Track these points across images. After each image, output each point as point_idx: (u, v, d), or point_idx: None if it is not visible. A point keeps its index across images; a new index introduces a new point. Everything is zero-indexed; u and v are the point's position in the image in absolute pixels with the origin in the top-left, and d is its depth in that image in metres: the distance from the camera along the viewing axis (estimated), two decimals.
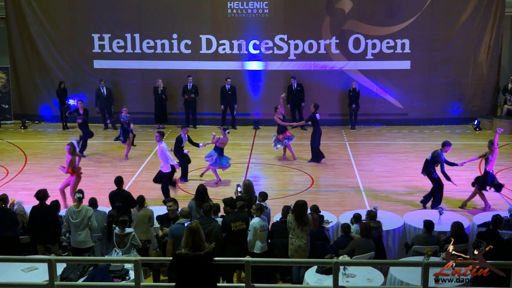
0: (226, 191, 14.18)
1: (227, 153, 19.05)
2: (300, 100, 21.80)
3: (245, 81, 22.45)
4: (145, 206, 11.37)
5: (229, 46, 22.20)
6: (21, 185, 15.54)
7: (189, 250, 7.01)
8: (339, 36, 21.89)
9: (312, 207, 11.29)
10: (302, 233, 10.30)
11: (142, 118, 22.28)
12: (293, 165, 17.77)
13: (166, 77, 22.20)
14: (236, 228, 10.37)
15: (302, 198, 13.54)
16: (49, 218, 11.07)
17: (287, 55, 22.13)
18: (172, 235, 9.99)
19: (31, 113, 23.22)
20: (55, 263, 7.98)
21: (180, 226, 10.00)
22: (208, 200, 11.52)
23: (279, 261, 10.27)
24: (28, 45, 22.75)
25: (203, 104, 22.53)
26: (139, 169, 17.36)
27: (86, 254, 10.81)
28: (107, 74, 22.33)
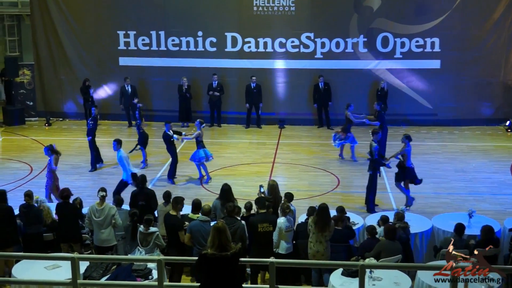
0: (251, 192, 14.15)
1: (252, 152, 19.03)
2: (327, 99, 21.70)
3: (270, 80, 22.41)
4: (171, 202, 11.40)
5: (254, 44, 22.18)
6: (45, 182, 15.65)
7: (215, 250, 7.00)
8: (367, 35, 21.75)
9: (338, 208, 11.24)
10: (321, 238, 10.26)
11: (166, 116, 22.28)
12: (319, 165, 17.71)
13: (191, 75, 22.25)
14: (263, 230, 10.35)
15: (328, 199, 13.59)
16: (73, 217, 11.17)
17: (313, 54, 22.05)
18: (190, 230, 10.08)
19: (55, 110, 23.43)
20: (78, 261, 8.03)
21: (198, 222, 10.06)
22: (233, 199, 11.52)
23: (304, 262, 10.23)
24: (53, 42, 22.96)
25: (228, 102, 22.54)
26: (162, 168, 17.41)
27: (109, 253, 10.88)
28: (132, 72, 22.45)
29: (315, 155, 18.74)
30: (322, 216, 10.27)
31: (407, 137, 14.26)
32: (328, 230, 10.26)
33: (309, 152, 19.09)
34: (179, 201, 10.76)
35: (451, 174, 16.83)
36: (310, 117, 22.35)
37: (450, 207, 14.22)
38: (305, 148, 19.55)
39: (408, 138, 14.24)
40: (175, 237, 10.44)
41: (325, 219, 10.27)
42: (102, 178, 16.46)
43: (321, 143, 20.13)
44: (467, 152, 18.92)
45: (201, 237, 10.08)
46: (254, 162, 18.10)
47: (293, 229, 10.83)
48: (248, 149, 19.73)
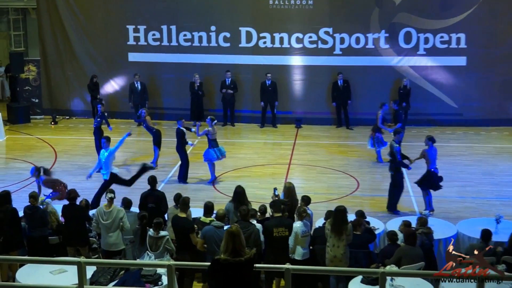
0: (265, 194, 14.15)
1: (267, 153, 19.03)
2: (346, 98, 21.66)
3: (287, 77, 22.39)
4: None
5: (270, 40, 22.18)
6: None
7: (229, 255, 7.00)
8: (389, 30, 21.67)
9: (357, 212, 11.21)
10: (339, 242, 10.23)
11: (178, 114, 22.35)
12: (337, 167, 17.68)
13: (203, 71, 22.29)
14: (278, 234, 10.34)
15: (346, 202, 13.55)
16: (80, 219, 11.22)
17: (332, 50, 22.00)
18: (203, 235, 10.08)
19: (61, 107, 23.55)
20: (85, 266, 8.06)
21: (212, 228, 10.06)
22: (247, 202, 11.53)
23: (321, 269, 10.19)
24: (60, 37, 23.10)
25: (242, 100, 22.55)
26: (173, 168, 17.45)
27: (117, 257, 10.91)
28: (142, 68, 22.53)
29: (333, 156, 18.71)
30: (338, 219, 10.25)
31: (429, 138, 14.22)
32: (345, 233, 10.22)
33: (327, 153, 19.06)
34: (187, 202, 10.80)
35: (477, 177, 16.74)
36: (328, 117, 22.30)
37: (476, 212, 14.14)
38: (323, 149, 19.51)
39: (431, 139, 14.19)
40: (185, 241, 10.46)
41: (341, 222, 10.24)
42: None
43: (339, 144, 20.09)
44: (495, 154, 18.80)
45: (214, 243, 10.07)
46: (269, 164, 18.10)
47: (310, 234, 10.81)
48: (263, 149, 19.73)
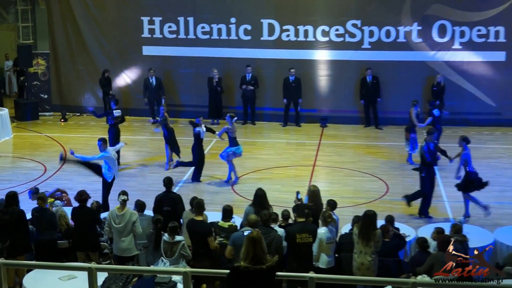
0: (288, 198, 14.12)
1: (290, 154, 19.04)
2: (375, 95, 21.60)
3: (311, 72, 22.37)
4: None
5: (294, 32, 22.16)
6: (60, 184, 15.84)
7: (249, 262, 7.01)
8: (422, 22, 21.57)
9: (387, 218, 11.17)
10: (366, 249, 10.19)
11: (195, 112, 22.42)
12: (365, 169, 17.63)
13: (222, 66, 22.33)
14: (302, 241, 10.32)
15: (375, 207, 13.49)
16: (91, 222, 11.28)
17: (360, 44, 21.94)
18: (232, 242, 10.03)
19: (72, 104, 23.72)
20: (96, 272, 8.10)
21: (241, 234, 10.00)
22: (267, 206, 11.52)
23: (347, 278, 10.15)
24: (70, 29, 23.25)
25: (263, 97, 22.56)
26: (190, 169, 17.49)
27: (130, 263, 10.96)
28: (157, 62, 22.62)
29: (361, 158, 18.66)
30: (367, 224, 10.21)
31: (464, 139, 14.15)
32: (373, 240, 10.19)
33: (355, 154, 19.01)
34: (202, 205, 10.81)
35: None
36: (356, 115, 22.26)
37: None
38: (350, 150, 19.48)
39: (466, 140, 14.13)
40: (202, 246, 10.46)
41: (370, 227, 10.21)
42: (123, 180, 16.56)
43: (368, 145, 20.03)
44: None
45: None
46: (292, 165, 18.09)
47: (335, 241, 10.79)
48: (285, 150, 19.73)
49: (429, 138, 14.25)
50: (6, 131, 20.83)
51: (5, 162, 18.74)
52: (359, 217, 10.92)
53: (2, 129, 20.63)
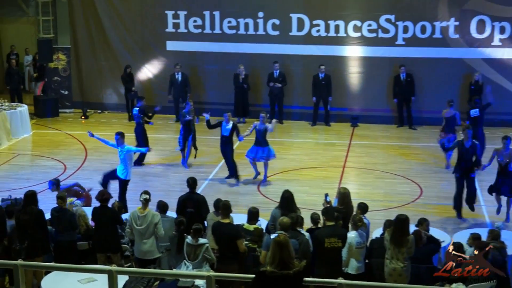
0: (316, 200, 14.11)
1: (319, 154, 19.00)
2: (409, 93, 21.49)
3: (342, 69, 22.32)
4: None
5: (324, 28, 22.12)
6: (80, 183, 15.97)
7: (276, 267, 7.00)
8: (459, 18, 21.43)
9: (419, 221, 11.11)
10: (399, 255, 10.16)
11: (220, 109, 22.45)
12: (397, 171, 17.55)
13: (249, 62, 22.36)
14: (330, 245, 10.29)
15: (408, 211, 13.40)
16: (112, 223, 11.34)
17: (394, 40, 21.86)
18: (267, 247, 10.01)
19: (93, 100, 23.90)
20: (117, 275, 8.13)
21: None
22: (295, 209, 11.51)
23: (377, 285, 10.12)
24: (92, 23, 23.42)
25: (292, 95, 22.55)
26: (215, 169, 17.54)
27: (152, 266, 11.00)
28: (181, 58, 22.69)
29: (393, 159, 18.59)
30: (399, 229, 10.17)
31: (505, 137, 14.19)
32: (406, 245, 10.15)
33: (387, 156, 18.95)
34: (229, 207, 10.80)
35: None
36: (388, 114, 22.19)
37: None
38: (382, 151, 19.41)
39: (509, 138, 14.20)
40: (230, 249, 10.46)
41: (403, 233, 10.17)
42: (145, 180, 16.70)
43: (401, 145, 19.95)
44: None
45: None
46: (321, 166, 18.07)
47: (365, 246, 10.76)
48: (314, 150, 19.71)
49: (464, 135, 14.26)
50: (25, 128, 21.04)
51: (24, 160, 18.93)
52: (390, 221, 10.89)
53: (21, 126, 20.83)
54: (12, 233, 11.17)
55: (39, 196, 11.56)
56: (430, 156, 18.60)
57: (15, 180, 16.79)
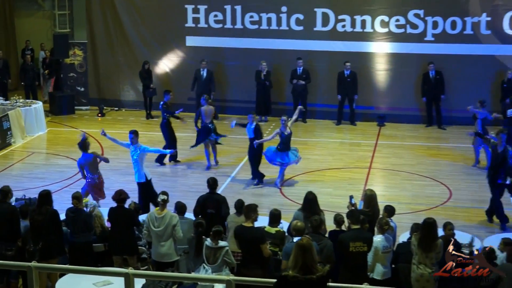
0: (341, 202, 14.07)
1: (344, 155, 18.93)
2: (438, 92, 21.39)
3: (368, 66, 22.27)
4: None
5: (350, 23, 22.06)
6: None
7: (298, 272, 6.98)
8: (492, 13, 21.31)
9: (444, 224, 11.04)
10: (426, 260, 10.12)
11: (241, 108, 22.53)
12: (426, 172, 17.47)
13: (271, 59, 22.34)
14: (355, 250, 10.26)
15: (436, 214, 13.38)
16: (129, 225, 11.37)
17: (423, 36, 21.76)
18: (287, 256, 9.95)
19: (110, 97, 24.02)
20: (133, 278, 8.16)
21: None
22: (318, 211, 11.49)
23: None
24: (110, 18, 23.54)
25: (316, 93, 22.52)
26: (235, 170, 17.55)
27: (170, 269, 11.02)
28: (201, 53, 22.70)
29: (421, 160, 18.51)
30: (427, 233, 10.12)
31: None
32: (434, 250, 10.10)
33: (415, 156, 18.87)
34: (253, 209, 10.77)
35: None
36: (416, 113, 22.10)
37: None
38: (410, 151, 19.34)
39: None
40: (253, 253, 10.43)
41: (431, 237, 10.12)
42: (163, 180, 16.71)
43: (429, 146, 19.87)
44: None
45: None
46: (346, 167, 18.04)
47: (392, 250, 10.73)
48: (338, 150, 19.68)
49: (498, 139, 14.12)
50: (40, 125, 21.17)
51: (39, 159, 19.04)
52: (418, 225, 10.84)
53: (36, 123, 20.96)
54: (26, 234, 11.24)
55: (54, 196, 11.63)
56: (460, 157, 18.50)
57: (30, 179, 16.89)
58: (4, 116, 19.74)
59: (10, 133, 19.75)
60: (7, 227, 11.16)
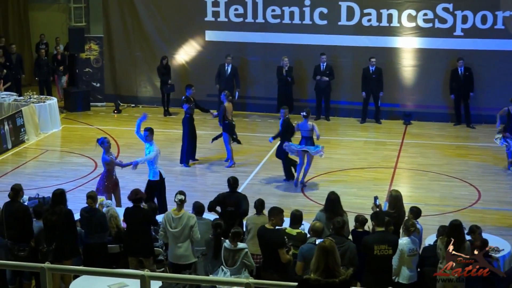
0: (365, 203, 14.07)
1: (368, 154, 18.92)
2: (468, 89, 21.29)
3: (395, 62, 22.21)
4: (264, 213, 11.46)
5: (376, 17, 22.01)
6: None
7: (320, 275, 6.97)
8: None
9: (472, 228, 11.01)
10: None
11: (262, 104, 22.57)
12: (454, 173, 17.41)
13: (293, 54, 22.34)
14: (380, 253, 10.25)
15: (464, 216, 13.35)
16: (145, 225, 11.40)
17: (452, 30, 21.67)
18: (302, 257, 9.95)
19: (126, 94, 24.09)
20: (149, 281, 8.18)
21: (313, 246, 9.91)
22: (341, 212, 11.48)
23: None
24: (127, 11, 23.62)
25: (340, 90, 22.50)
26: (256, 169, 17.57)
27: (187, 272, 11.05)
28: (221, 48, 22.73)
29: (449, 160, 18.46)
30: (454, 236, 10.07)
31: None
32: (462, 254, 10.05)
33: (442, 156, 18.82)
34: (274, 213, 10.74)
35: None
36: (444, 111, 22.03)
37: None
38: (437, 151, 19.28)
39: None
40: (271, 257, 10.44)
41: (458, 240, 10.07)
42: (180, 179, 16.77)
43: (457, 145, 19.82)
44: None
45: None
46: (370, 166, 18.03)
47: (418, 253, 10.70)
48: (363, 149, 19.67)
49: None
50: (54, 122, 21.25)
51: (53, 157, 19.16)
52: (445, 227, 10.80)
53: (50, 120, 21.05)
54: (40, 234, 11.31)
55: (68, 195, 11.70)
56: (490, 157, 18.41)
57: (43, 178, 16.99)
58: (17, 112, 19.84)
59: (24, 130, 19.84)
60: (19, 227, 11.24)
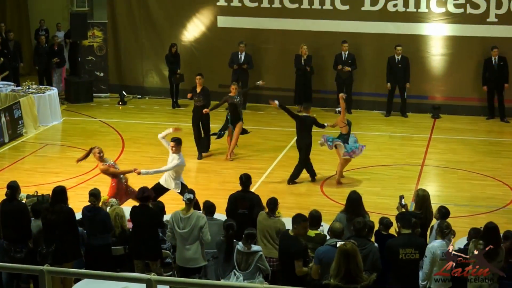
0: (389, 204, 14.04)
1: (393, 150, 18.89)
2: (502, 80, 21.23)
3: (422, 51, 22.20)
4: (276, 215, 11.45)
5: (402, 2, 21.98)
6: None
7: (341, 280, 7.00)
8: None
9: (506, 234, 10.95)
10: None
11: (279, 96, 22.46)
12: (486, 171, 17.37)
13: (313, 42, 22.33)
14: (406, 257, 10.22)
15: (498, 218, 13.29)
16: (152, 226, 11.41)
17: (485, 16, 21.63)
18: (318, 259, 9.92)
19: (132, 84, 24.15)
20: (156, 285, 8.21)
21: (330, 248, 9.88)
22: (363, 213, 11.46)
23: None
24: None
25: (363, 80, 22.50)
26: (271, 166, 17.57)
27: (196, 276, 11.07)
28: (234, 35, 22.74)
29: (481, 157, 18.43)
30: (488, 240, 10.05)
31: None
32: (496, 259, 10.03)
33: (474, 153, 18.78)
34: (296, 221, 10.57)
35: None
36: (476, 104, 22.01)
37: None
38: (468, 147, 19.26)
39: None
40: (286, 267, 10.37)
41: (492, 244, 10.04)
42: (190, 176, 16.78)
43: (490, 141, 19.82)
44: None
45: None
46: (395, 164, 18.01)
47: None
48: (388, 145, 19.66)
49: None
50: (55, 114, 21.29)
51: (53, 152, 19.22)
52: (476, 230, 10.77)
53: (50, 112, 21.08)
54: (39, 234, 11.35)
55: (69, 193, 11.66)
56: None
57: (42, 174, 17.05)
58: (15, 103, 19.85)
59: (22, 123, 19.88)
60: (16, 227, 11.28)
